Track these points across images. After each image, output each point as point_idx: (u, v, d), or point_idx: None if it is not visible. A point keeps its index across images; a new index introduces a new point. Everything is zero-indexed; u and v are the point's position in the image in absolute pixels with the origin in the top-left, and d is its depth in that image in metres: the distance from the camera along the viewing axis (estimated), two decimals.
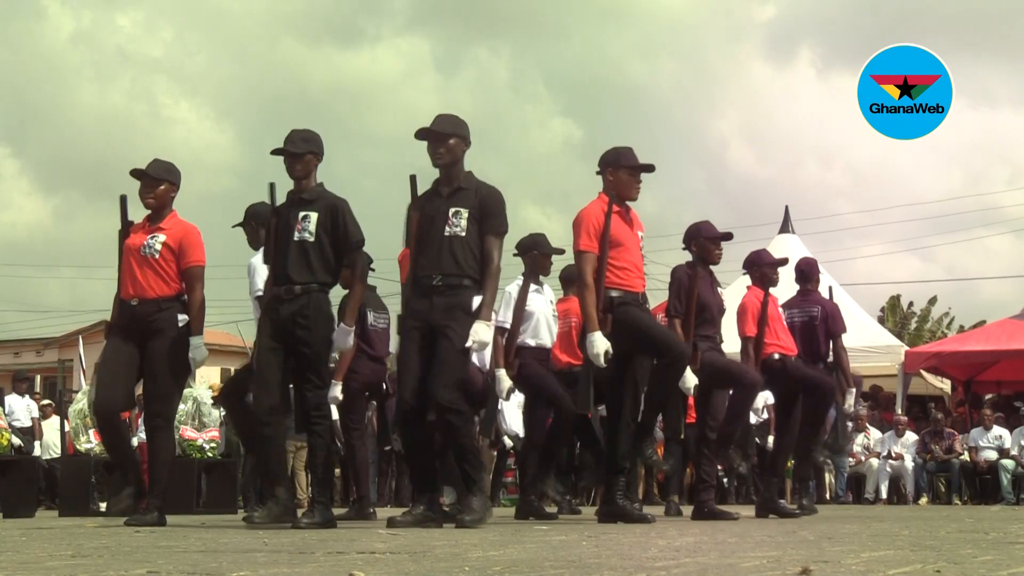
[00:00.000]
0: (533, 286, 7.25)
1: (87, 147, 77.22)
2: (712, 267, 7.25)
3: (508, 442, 14.65)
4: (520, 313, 7.10)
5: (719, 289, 7.53)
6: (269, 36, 78.79)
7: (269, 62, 76.69)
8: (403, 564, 2.42)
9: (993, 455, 13.97)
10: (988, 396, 15.89)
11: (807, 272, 9.14)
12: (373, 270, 8.65)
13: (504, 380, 7.05)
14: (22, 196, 67.11)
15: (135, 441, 11.98)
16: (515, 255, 7.41)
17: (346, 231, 5.84)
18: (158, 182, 6.13)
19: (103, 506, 12.07)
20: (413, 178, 5.96)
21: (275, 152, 5.83)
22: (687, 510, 8.19)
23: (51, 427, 11.71)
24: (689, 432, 10.12)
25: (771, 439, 9.19)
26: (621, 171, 5.99)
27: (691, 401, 8.73)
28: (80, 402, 10.90)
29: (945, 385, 17.15)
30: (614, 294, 5.81)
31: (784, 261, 7.79)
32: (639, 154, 6.09)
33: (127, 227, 6.25)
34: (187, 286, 6.15)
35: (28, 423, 12.22)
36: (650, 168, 6.10)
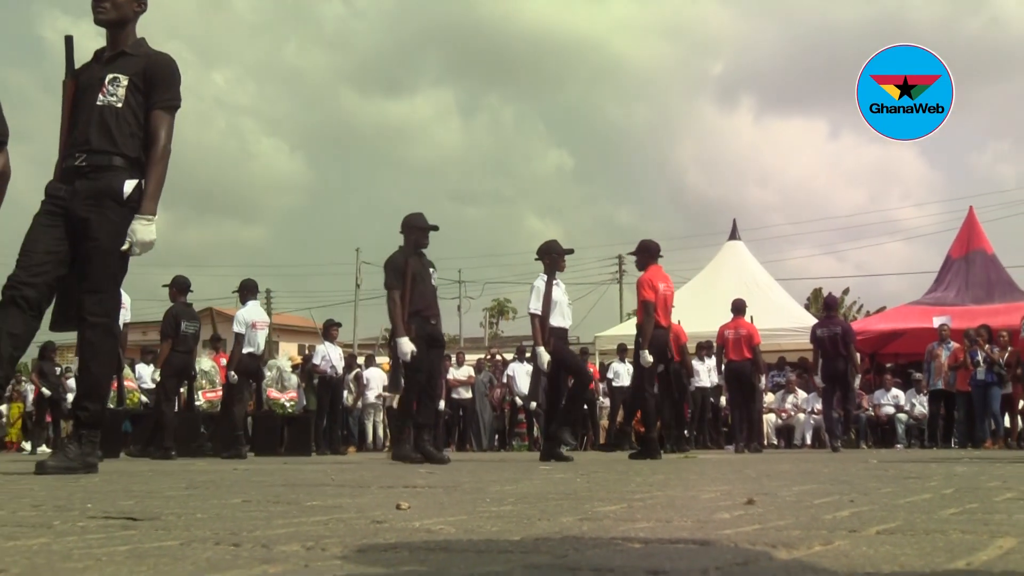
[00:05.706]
0: (554, 281, 7.34)
1: (192, 174, 78.06)
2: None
3: (519, 400, 14.60)
4: (549, 302, 7.20)
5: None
6: (331, 87, 79.24)
7: (331, 107, 77.06)
8: (438, 496, 2.41)
9: (891, 410, 14.16)
10: (888, 365, 15.84)
11: (830, 303, 11.21)
12: (193, 291, 9.28)
13: (544, 355, 7.16)
14: None
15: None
16: (536, 259, 7.49)
17: None
18: None
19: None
20: (69, 39, 3.90)
21: None
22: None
23: None
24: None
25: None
26: None
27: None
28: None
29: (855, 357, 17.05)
30: None
31: None
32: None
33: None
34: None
35: (152, 385, 12.22)
36: None
